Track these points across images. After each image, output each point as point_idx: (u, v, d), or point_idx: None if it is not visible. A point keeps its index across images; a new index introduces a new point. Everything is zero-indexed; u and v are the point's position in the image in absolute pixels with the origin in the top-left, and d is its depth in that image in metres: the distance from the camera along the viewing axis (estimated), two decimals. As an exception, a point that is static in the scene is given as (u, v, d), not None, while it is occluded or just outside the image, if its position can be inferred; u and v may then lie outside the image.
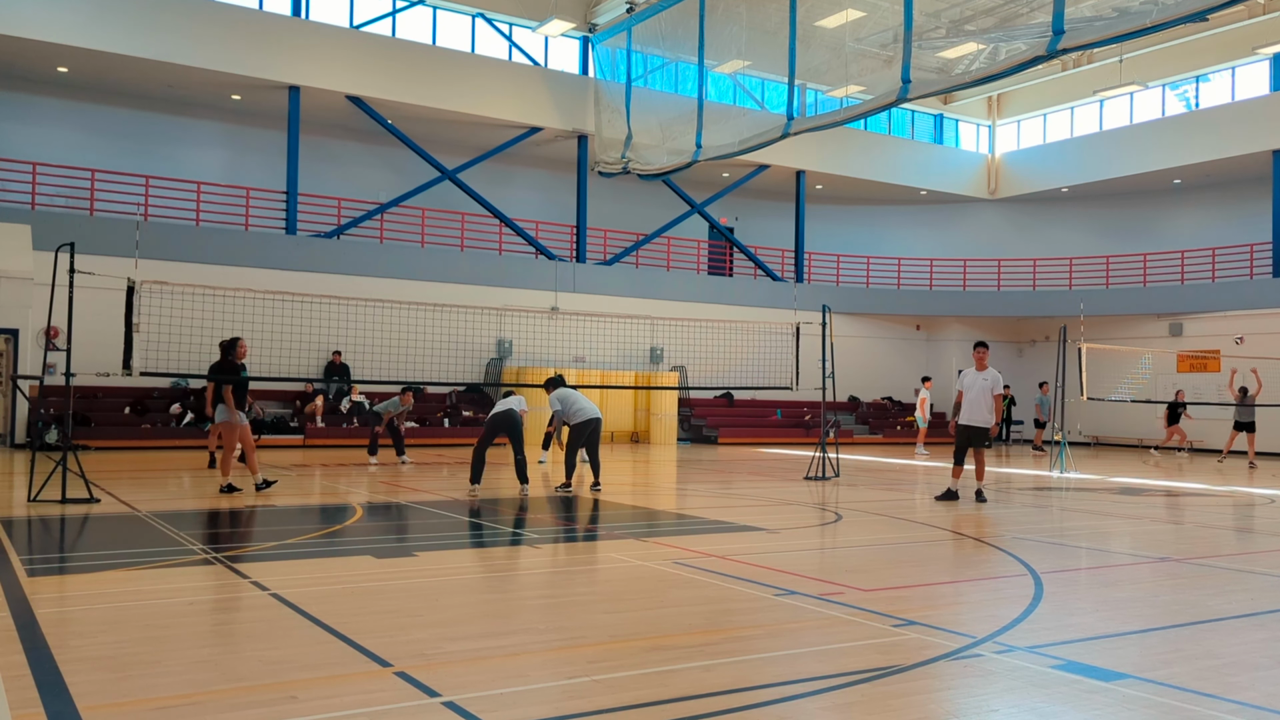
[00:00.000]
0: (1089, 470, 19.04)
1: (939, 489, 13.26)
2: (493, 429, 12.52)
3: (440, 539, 9.15)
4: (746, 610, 6.06)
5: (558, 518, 10.70)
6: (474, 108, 24.84)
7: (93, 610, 5.76)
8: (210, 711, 3.98)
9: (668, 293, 26.78)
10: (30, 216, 20.02)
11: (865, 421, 29.35)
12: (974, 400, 12.31)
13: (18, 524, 9.12)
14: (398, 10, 25.24)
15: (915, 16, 18.40)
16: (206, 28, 21.98)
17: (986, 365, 12.49)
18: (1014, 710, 4.21)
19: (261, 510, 10.60)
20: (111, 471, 14.31)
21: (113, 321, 13.46)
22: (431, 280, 23.26)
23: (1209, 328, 26.99)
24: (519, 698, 4.22)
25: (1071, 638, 5.45)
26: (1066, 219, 32.20)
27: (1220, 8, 14.27)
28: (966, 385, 12.46)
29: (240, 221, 23.32)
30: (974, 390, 12.34)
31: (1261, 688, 4.58)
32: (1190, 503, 13.43)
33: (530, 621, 5.65)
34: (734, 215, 30.73)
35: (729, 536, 9.20)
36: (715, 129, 24.08)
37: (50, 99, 22.76)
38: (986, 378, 12.32)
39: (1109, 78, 27.44)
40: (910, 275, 31.95)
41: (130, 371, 11.91)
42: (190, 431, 19.95)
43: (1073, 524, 10.82)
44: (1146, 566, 8.04)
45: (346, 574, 7.07)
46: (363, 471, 15.44)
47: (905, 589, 6.77)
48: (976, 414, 12.31)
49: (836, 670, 4.74)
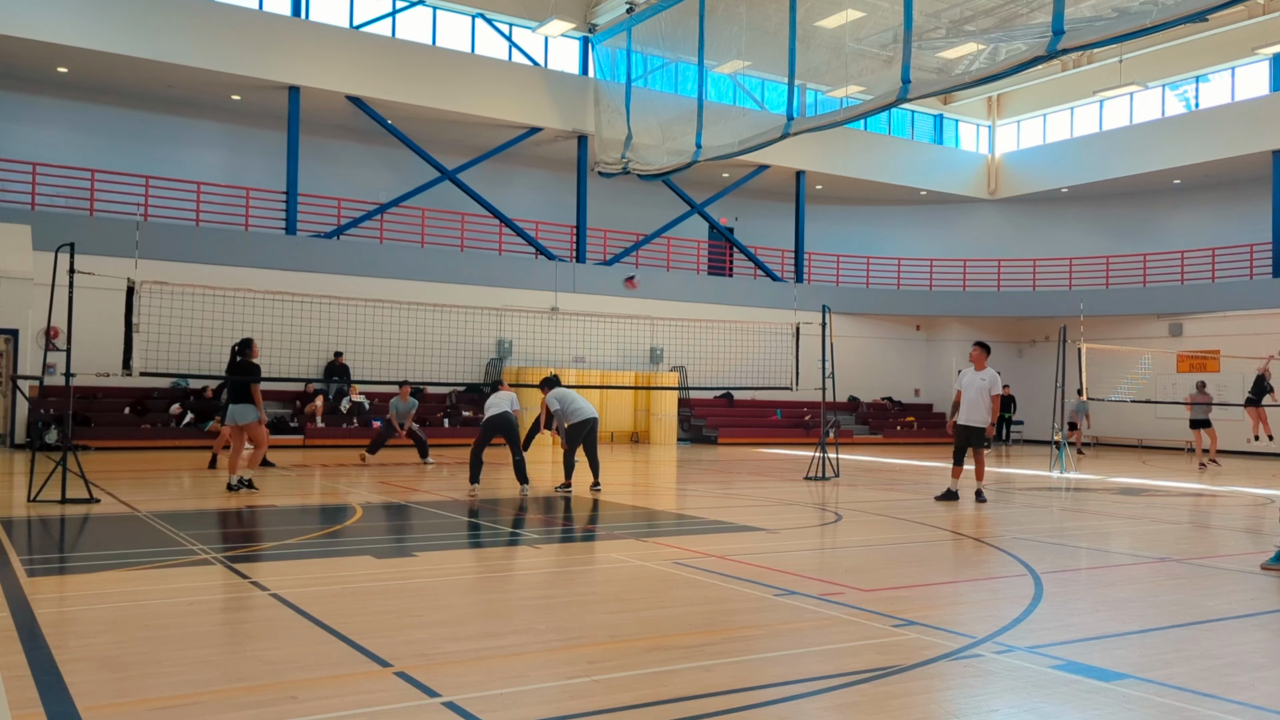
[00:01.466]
0: (1089, 470, 19.04)
1: (939, 489, 13.26)
2: (489, 431, 12.51)
3: (440, 539, 9.15)
4: (746, 610, 6.06)
5: (557, 518, 10.70)
6: (474, 108, 24.84)
7: (93, 610, 5.75)
8: (210, 711, 3.97)
9: (667, 293, 26.79)
10: (30, 216, 20.02)
11: (865, 421, 29.35)
12: (972, 400, 12.32)
13: (18, 524, 9.12)
14: (398, 10, 25.24)
15: (915, 16, 18.39)
16: (206, 28, 21.98)
17: (985, 365, 12.50)
18: (1014, 710, 4.21)
19: (261, 510, 10.60)
20: (111, 471, 14.30)
21: (113, 321, 13.47)
22: (431, 280, 23.26)
23: (1209, 328, 26.99)
24: (519, 698, 4.22)
25: (1071, 638, 5.44)
26: (1066, 219, 32.20)
27: (1220, 8, 14.27)
28: (965, 385, 12.47)
29: (240, 222, 23.32)
30: (972, 390, 12.35)
31: (1261, 688, 4.58)
32: (1190, 503, 13.43)
33: (530, 621, 5.65)
34: (734, 215, 30.73)
35: (729, 536, 9.20)
36: (715, 129, 24.08)
37: (50, 99, 22.76)
38: (984, 378, 12.32)
39: (1109, 78, 27.44)
40: (910, 275, 31.95)
41: (130, 371, 11.92)
42: (190, 431, 19.95)
43: (1073, 524, 10.82)
44: (1146, 566, 8.04)
45: (346, 574, 7.07)
46: (362, 471, 15.44)
47: (905, 589, 6.76)
48: (975, 414, 12.32)
49: (836, 670, 4.74)
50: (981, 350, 12.57)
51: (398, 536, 9.33)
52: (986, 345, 12.74)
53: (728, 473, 16.97)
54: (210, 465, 15.24)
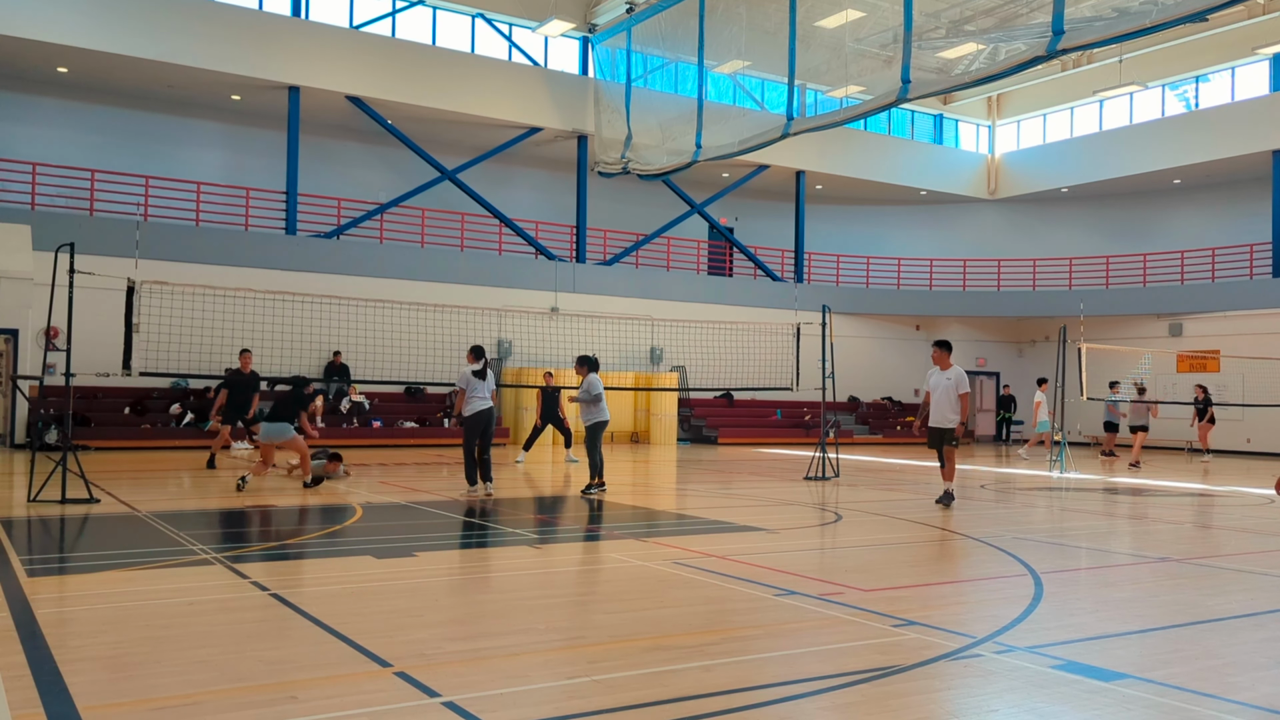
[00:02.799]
0: (1089, 470, 19.04)
1: (938, 491, 13.26)
2: (479, 427, 12.23)
3: (440, 539, 9.15)
4: (746, 610, 6.06)
5: (558, 518, 10.70)
6: (474, 108, 24.84)
7: (93, 610, 5.76)
8: (210, 711, 3.97)
9: (668, 293, 26.79)
10: (30, 216, 20.01)
11: (865, 422, 29.35)
12: (939, 401, 11.97)
13: (18, 524, 9.12)
14: (398, 10, 25.24)
15: (915, 17, 18.39)
16: (206, 28, 21.98)
17: (950, 364, 12.06)
18: (1014, 710, 4.21)
19: (261, 510, 10.60)
20: (111, 471, 14.30)
21: (113, 321, 13.48)
22: (431, 280, 23.26)
23: (1209, 328, 26.99)
24: (519, 698, 4.22)
25: (1071, 638, 5.44)
26: (1066, 219, 32.20)
27: (1220, 8, 14.26)
28: (932, 386, 12.11)
29: (240, 221, 23.32)
30: (939, 391, 11.98)
31: (1261, 688, 4.58)
32: (1190, 503, 13.43)
33: (530, 621, 5.65)
34: (734, 215, 30.73)
35: (729, 536, 9.20)
36: (715, 129, 24.07)
37: (50, 99, 22.76)
38: (950, 377, 11.91)
39: (1109, 78, 27.43)
40: (910, 275, 31.94)
41: (130, 371, 11.93)
42: (190, 431, 19.95)
43: (1073, 524, 10.82)
44: (1146, 566, 8.04)
45: (346, 574, 7.07)
46: (363, 471, 15.42)
47: (905, 589, 6.76)
48: (943, 414, 11.92)
49: (836, 670, 4.74)
50: (942, 350, 12.09)
51: (398, 536, 9.32)
52: (948, 343, 12.22)
53: (728, 473, 16.97)
54: (209, 465, 15.23)
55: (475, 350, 12.54)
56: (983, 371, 31.95)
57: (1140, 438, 20.85)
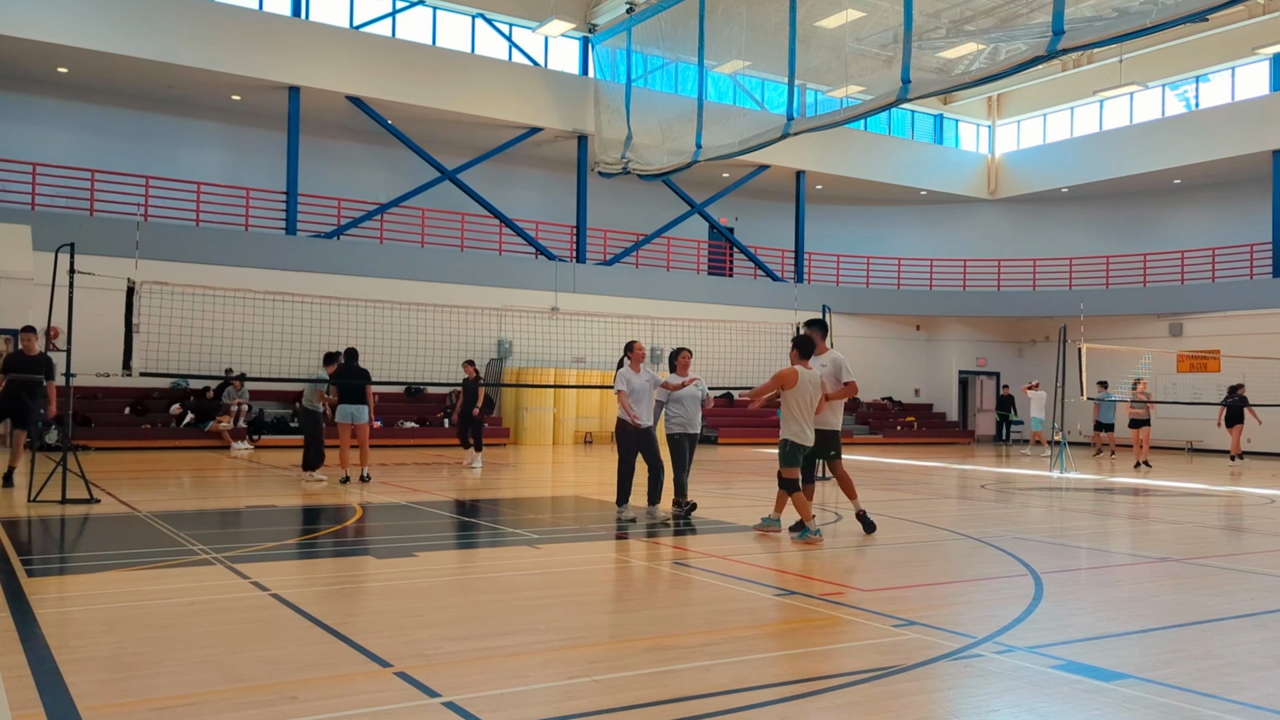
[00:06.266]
0: (1089, 470, 19.03)
1: (937, 491, 13.24)
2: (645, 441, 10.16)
3: (440, 539, 9.15)
4: (747, 610, 6.06)
5: (558, 518, 10.70)
6: (474, 108, 24.83)
7: (93, 610, 5.75)
8: (210, 711, 3.97)
9: (668, 293, 26.77)
10: (30, 217, 20.01)
11: (865, 421, 29.33)
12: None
13: (18, 524, 9.12)
14: (398, 10, 25.24)
15: (915, 17, 18.38)
16: (206, 28, 21.98)
17: (822, 357, 9.84)
18: (1014, 710, 4.21)
19: (262, 510, 10.60)
20: (111, 472, 14.31)
21: (113, 321, 13.46)
22: (431, 280, 23.25)
23: (1209, 328, 26.98)
24: (519, 698, 4.22)
25: (1071, 638, 5.44)
26: (1066, 219, 32.19)
27: (1220, 8, 14.26)
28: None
29: (240, 222, 23.32)
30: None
31: (1261, 688, 4.58)
32: (1190, 503, 13.43)
33: (530, 621, 5.65)
34: (734, 215, 30.72)
35: (729, 536, 9.20)
36: (715, 129, 24.07)
37: (50, 99, 22.76)
38: (826, 363, 9.80)
39: (1109, 78, 27.42)
40: (910, 275, 31.94)
41: (130, 372, 11.92)
42: (190, 432, 19.95)
43: (1073, 524, 10.82)
44: (1146, 566, 8.04)
45: (346, 574, 7.07)
46: (361, 470, 15.37)
47: (905, 589, 6.76)
48: (821, 416, 9.66)
49: (836, 670, 4.74)
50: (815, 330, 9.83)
51: (398, 536, 9.32)
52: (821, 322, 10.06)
53: (728, 473, 16.97)
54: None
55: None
56: (983, 371, 31.95)
57: (1144, 434, 20.65)
